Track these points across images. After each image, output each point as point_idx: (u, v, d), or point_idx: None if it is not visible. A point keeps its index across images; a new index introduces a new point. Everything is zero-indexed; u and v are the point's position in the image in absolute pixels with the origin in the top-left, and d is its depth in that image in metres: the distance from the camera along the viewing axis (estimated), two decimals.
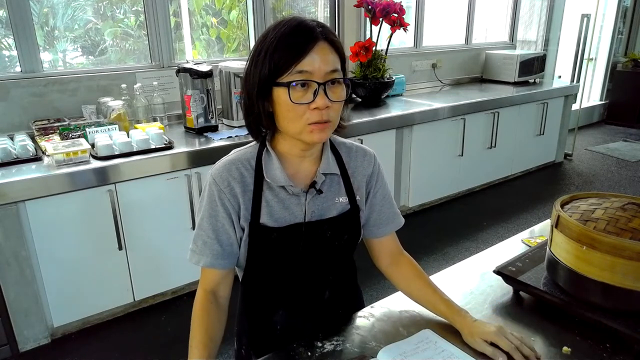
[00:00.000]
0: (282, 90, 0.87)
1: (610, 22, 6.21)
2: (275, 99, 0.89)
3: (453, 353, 0.93)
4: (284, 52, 0.86)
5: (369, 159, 1.08)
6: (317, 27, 0.88)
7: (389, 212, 1.11)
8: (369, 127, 3.05)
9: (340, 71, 0.90)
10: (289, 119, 0.90)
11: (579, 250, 0.99)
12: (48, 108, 2.51)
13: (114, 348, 2.19)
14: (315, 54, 0.86)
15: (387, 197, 1.11)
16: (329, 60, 0.88)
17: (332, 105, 0.89)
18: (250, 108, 0.93)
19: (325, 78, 0.87)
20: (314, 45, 0.86)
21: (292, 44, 0.86)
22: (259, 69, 0.88)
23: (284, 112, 0.89)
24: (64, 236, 2.09)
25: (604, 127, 6.31)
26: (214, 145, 2.42)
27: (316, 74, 0.86)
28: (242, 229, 0.98)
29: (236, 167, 0.97)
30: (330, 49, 0.89)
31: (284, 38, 0.86)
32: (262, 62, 0.87)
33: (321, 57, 0.87)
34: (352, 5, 3.48)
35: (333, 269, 1.09)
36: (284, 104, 0.88)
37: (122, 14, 2.93)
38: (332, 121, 0.91)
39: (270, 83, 0.88)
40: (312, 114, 0.88)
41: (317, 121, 0.88)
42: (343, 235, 1.03)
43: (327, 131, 0.92)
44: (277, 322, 1.07)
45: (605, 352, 0.94)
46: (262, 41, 0.89)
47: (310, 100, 0.87)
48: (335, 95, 0.89)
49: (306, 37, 0.86)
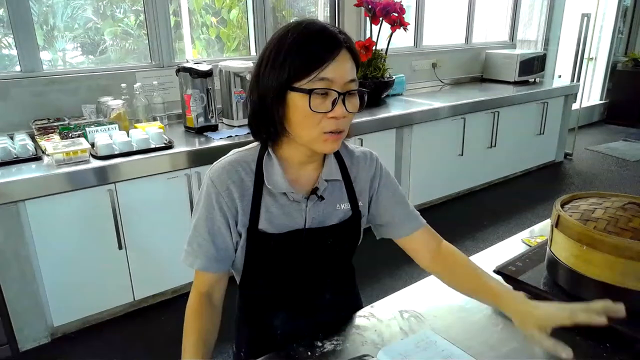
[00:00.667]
0: (300, 96, 0.84)
1: (610, 21, 6.21)
2: (290, 103, 0.86)
3: (453, 353, 0.93)
4: (306, 58, 0.83)
5: (371, 161, 1.06)
6: (340, 34, 0.86)
7: (401, 214, 1.07)
8: (369, 126, 3.04)
9: (356, 81, 0.89)
10: (304, 126, 0.87)
11: (579, 250, 0.99)
12: (48, 107, 2.51)
13: (114, 348, 2.19)
14: (338, 62, 0.84)
15: (398, 196, 1.08)
16: (348, 69, 0.86)
17: (347, 116, 0.87)
18: (260, 110, 0.90)
19: (344, 88, 0.86)
20: (338, 53, 0.84)
21: (315, 50, 0.83)
22: (276, 71, 0.85)
23: (299, 118, 0.86)
24: (64, 236, 2.09)
25: (604, 127, 6.30)
26: (214, 145, 2.42)
27: (337, 83, 0.84)
28: (239, 233, 0.96)
29: (236, 170, 0.95)
30: (350, 57, 0.87)
31: (306, 42, 0.84)
32: (282, 65, 0.84)
33: (343, 66, 0.85)
34: (352, 5, 3.48)
35: (331, 272, 1.08)
36: (300, 110, 0.85)
37: (122, 14, 2.93)
38: (345, 130, 0.90)
39: (288, 87, 0.85)
40: (329, 122, 0.86)
41: (333, 130, 0.87)
42: (344, 242, 1.02)
43: (339, 142, 0.90)
44: (278, 326, 1.06)
45: (605, 352, 0.94)
46: (279, 42, 0.86)
47: (329, 110, 0.85)
48: (351, 106, 0.88)
49: (331, 43, 0.84)
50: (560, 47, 5.44)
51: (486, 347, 0.97)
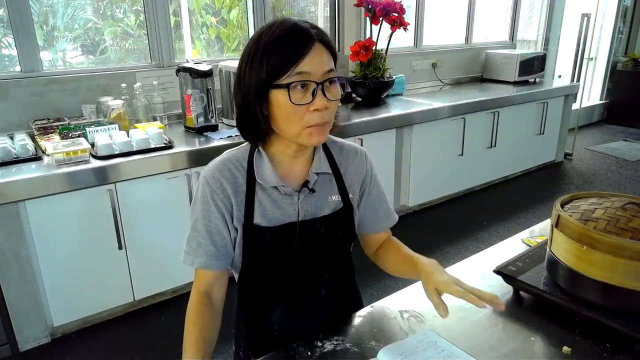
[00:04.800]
0: (281, 93, 0.87)
1: (610, 21, 6.21)
2: (272, 101, 0.89)
3: (453, 353, 0.93)
4: (282, 55, 0.86)
5: (361, 158, 1.09)
6: (311, 29, 0.90)
7: (384, 210, 1.14)
8: (369, 126, 3.04)
9: (335, 71, 0.92)
10: (288, 121, 0.90)
11: (579, 250, 0.99)
12: (48, 107, 2.51)
13: (113, 347, 2.19)
14: (312, 55, 0.87)
15: (382, 194, 1.14)
16: (325, 61, 0.89)
17: (330, 106, 0.90)
18: (245, 110, 0.93)
19: (322, 78, 0.88)
20: (311, 46, 0.87)
21: (289, 46, 0.87)
22: (255, 71, 0.88)
23: (283, 114, 0.89)
24: (64, 236, 2.09)
25: (604, 127, 6.31)
26: (214, 145, 2.42)
27: (314, 75, 0.88)
28: (235, 229, 0.99)
29: (228, 167, 0.98)
30: (325, 49, 0.90)
31: (280, 40, 0.87)
32: (259, 65, 0.87)
33: (318, 58, 0.88)
34: (352, 5, 3.48)
35: (328, 267, 1.09)
36: (283, 105, 0.88)
37: (122, 14, 2.93)
38: (329, 122, 0.93)
39: (268, 85, 0.88)
40: (312, 116, 0.89)
41: (317, 124, 0.90)
42: (337, 232, 1.04)
43: (325, 133, 0.93)
44: (275, 322, 1.07)
45: (605, 352, 0.94)
46: (255, 43, 0.89)
47: (310, 101, 0.88)
48: (332, 95, 0.91)
49: (303, 39, 0.87)
50: (560, 47, 5.44)
51: (486, 347, 0.97)
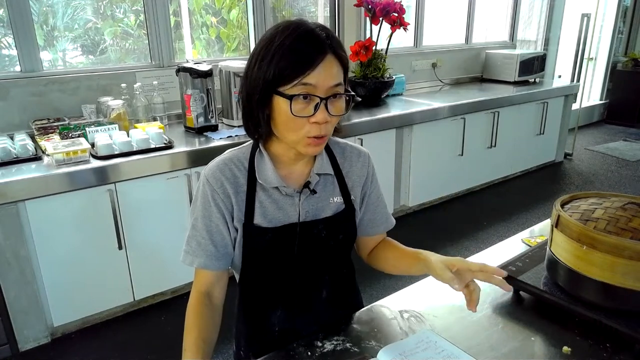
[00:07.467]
0: (284, 100, 0.86)
1: (610, 21, 6.21)
2: (275, 106, 0.88)
3: (453, 353, 0.93)
4: (291, 62, 0.84)
5: (364, 159, 1.08)
6: (327, 39, 0.86)
7: (382, 213, 1.12)
8: (369, 126, 3.04)
9: (342, 85, 0.89)
10: (288, 129, 0.89)
11: (579, 250, 0.99)
12: (48, 107, 2.51)
13: (113, 348, 2.19)
14: (322, 68, 0.84)
15: (381, 197, 1.13)
16: (334, 74, 0.87)
17: (331, 120, 0.89)
18: (248, 109, 0.93)
19: (327, 92, 0.86)
20: (323, 59, 0.85)
21: (300, 54, 0.84)
22: (262, 72, 0.86)
23: (283, 120, 0.88)
24: (64, 236, 2.09)
25: (604, 127, 6.31)
26: (214, 145, 2.42)
27: (320, 88, 0.85)
28: (235, 229, 0.98)
29: (229, 167, 0.97)
30: (337, 62, 0.88)
31: (292, 46, 0.84)
32: (267, 67, 0.85)
33: (327, 71, 0.85)
34: (352, 5, 3.48)
35: (329, 268, 1.08)
36: (284, 113, 0.87)
37: (122, 14, 2.93)
38: (328, 135, 0.92)
39: (272, 90, 0.86)
40: (312, 127, 0.88)
41: (315, 135, 0.89)
42: (338, 234, 1.03)
43: (322, 146, 0.93)
44: (275, 323, 1.07)
45: (605, 352, 0.94)
46: (268, 43, 0.87)
47: (311, 114, 0.86)
48: (335, 109, 0.89)
49: (316, 49, 0.85)
50: (560, 47, 5.44)
51: (486, 347, 0.97)
